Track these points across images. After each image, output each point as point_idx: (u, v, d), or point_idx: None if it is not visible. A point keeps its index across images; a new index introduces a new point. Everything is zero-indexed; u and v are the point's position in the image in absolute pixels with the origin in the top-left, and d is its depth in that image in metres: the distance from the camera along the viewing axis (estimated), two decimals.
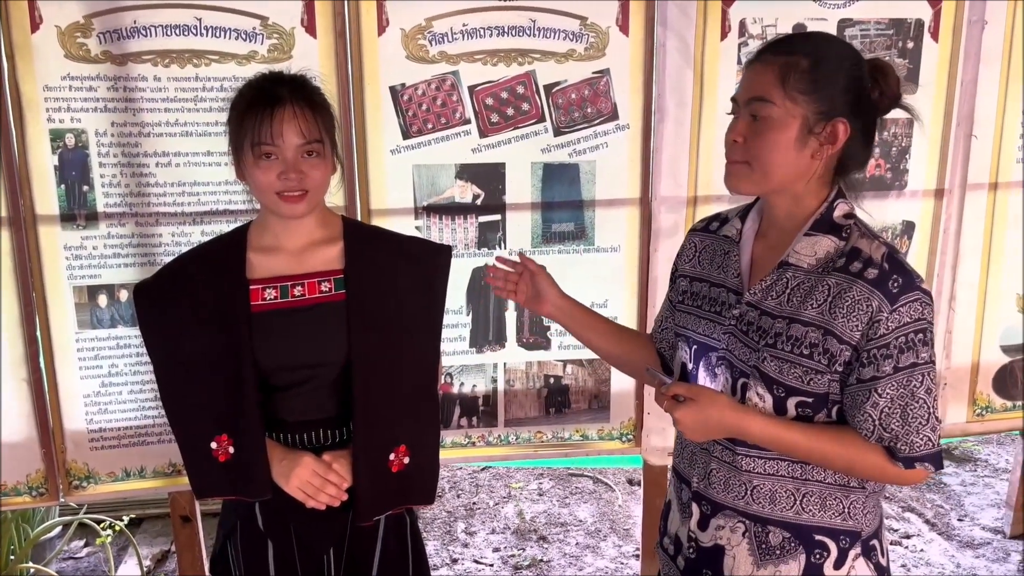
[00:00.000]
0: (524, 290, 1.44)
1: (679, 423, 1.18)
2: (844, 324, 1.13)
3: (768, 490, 1.21)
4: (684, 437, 1.31)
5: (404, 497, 1.44)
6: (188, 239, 1.98)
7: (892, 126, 2.25)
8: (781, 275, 1.20)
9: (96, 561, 2.83)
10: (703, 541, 1.27)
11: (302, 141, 1.30)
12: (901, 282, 1.13)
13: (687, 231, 1.44)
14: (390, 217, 2.07)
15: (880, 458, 1.17)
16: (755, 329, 1.20)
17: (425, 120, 2.04)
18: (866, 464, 1.17)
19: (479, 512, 3.23)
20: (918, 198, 2.32)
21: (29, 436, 2.02)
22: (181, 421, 1.43)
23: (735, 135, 1.18)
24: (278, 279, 1.39)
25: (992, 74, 2.26)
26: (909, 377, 1.13)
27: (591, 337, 1.48)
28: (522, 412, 2.26)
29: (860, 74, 1.17)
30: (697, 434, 1.19)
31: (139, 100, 1.92)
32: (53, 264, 1.96)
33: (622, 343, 1.50)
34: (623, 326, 1.57)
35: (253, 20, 1.92)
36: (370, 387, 1.38)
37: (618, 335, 1.52)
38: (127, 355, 2.03)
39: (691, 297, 1.34)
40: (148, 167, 1.95)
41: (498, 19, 2.02)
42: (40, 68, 1.86)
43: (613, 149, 2.12)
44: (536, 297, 1.44)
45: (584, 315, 1.48)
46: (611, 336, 1.50)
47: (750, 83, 1.17)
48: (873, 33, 2.18)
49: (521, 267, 1.44)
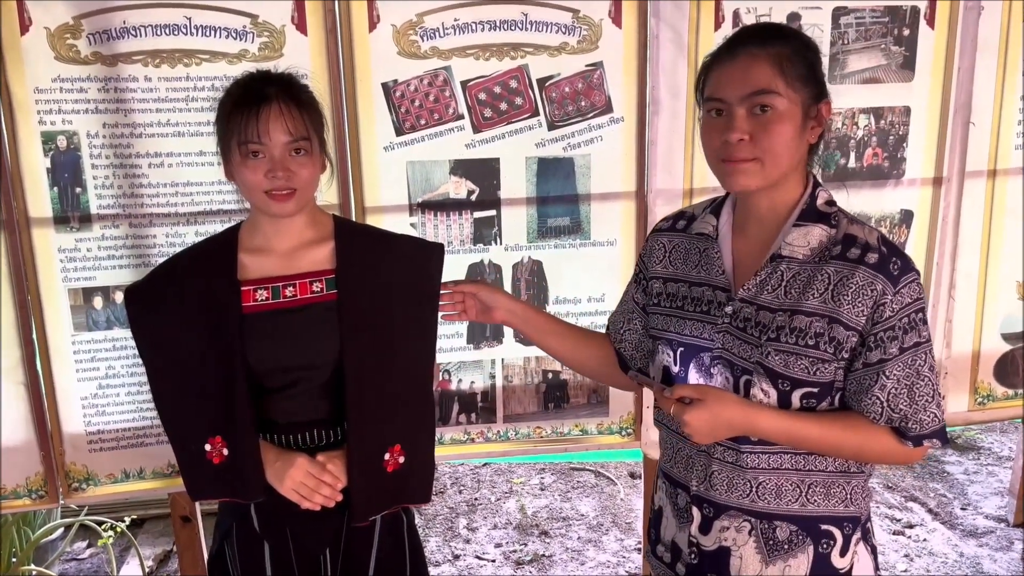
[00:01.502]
0: (471, 306, 1.46)
1: (687, 426, 1.16)
2: (850, 310, 1.13)
3: (774, 485, 1.20)
4: (676, 441, 1.30)
5: (400, 497, 1.44)
6: (182, 240, 1.97)
7: (889, 114, 2.24)
8: (775, 268, 1.19)
9: (99, 562, 2.83)
10: (706, 545, 1.25)
11: (289, 139, 1.29)
12: (900, 264, 1.14)
13: (649, 232, 1.41)
14: (384, 214, 2.06)
15: (889, 439, 1.18)
16: (754, 325, 1.18)
17: (418, 116, 2.03)
18: (876, 447, 1.18)
19: (481, 508, 3.23)
20: (916, 186, 2.30)
21: (28, 439, 2.02)
22: (175, 423, 1.43)
23: (738, 134, 1.13)
24: (269, 280, 1.39)
25: (989, 61, 2.24)
26: (914, 356, 1.14)
27: (550, 342, 1.48)
28: (521, 408, 2.25)
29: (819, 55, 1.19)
30: (707, 436, 1.17)
31: (130, 101, 1.91)
32: (47, 267, 1.95)
33: (583, 347, 1.48)
34: (583, 328, 1.54)
35: (243, 18, 1.91)
36: (363, 387, 1.37)
37: (579, 338, 1.50)
38: (124, 357, 2.03)
39: (668, 299, 1.31)
40: (141, 168, 1.95)
41: (490, 13, 2.00)
42: (30, 70, 1.85)
43: (608, 142, 2.11)
44: (485, 310, 1.46)
45: (541, 319, 1.48)
46: (571, 339, 1.48)
47: (744, 78, 1.13)
48: (868, 21, 2.16)
49: (457, 290, 1.46)
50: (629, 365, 1.44)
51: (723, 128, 1.15)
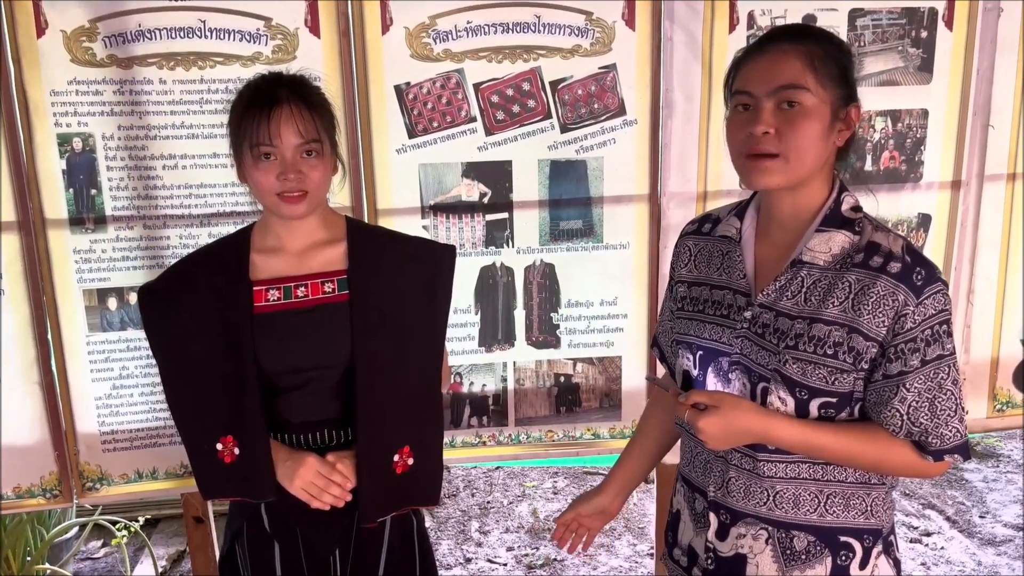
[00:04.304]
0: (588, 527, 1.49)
1: (702, 432, 1.14)
2: (870, 321, 1.11)
3: (791, 494, 1.18)
4: (695, 445, 1.29)
5: (408, 499, 1.43)
6: (195, 241, 1.98)
7: (907, 117, 2.21)
8: (795, 274, 1.16)
9: (112, 562, 2.85)
10: (722, 551, 1.24)
11: (300, 141, 1.29)
12: (924, 274, 1.11)
13: (678, 236, 1.40)
14: (396, 216, 2.06)
15: (909, 453, 1.15)
16: (772, 331, 1.16)
17: (430, 119, 2.03)
18: (895, 460, 1.15)
19: (493, 511, 3.22)
20: (934, 190, 2.27)
21: (42, 439, 2.03)
22: (186, 422, 1.44)
23: (764, 126, 1.11)
24: (281, 280, 1.39)
25: (1008, 62, 2.21)
26: (936, 370, 1.12)
27: (648, 466, 1.49)
28: (532, 411, 2.24)
29: (852, 58, 1.17)
30: (721, 443, 1.15)
31: (145, 103, 1.92)
32: (63, 268, 1.97)
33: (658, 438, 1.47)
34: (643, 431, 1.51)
35: (257, 21, 1.92)
36: (374, 388, 1.37)
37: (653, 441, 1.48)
38: (137, 357, 2.04)
39: (691, 302, 1.30)
40: (155, 170, 1.96)
41: (502, 16, 2.00)
42: (46, 73, 1.86)
43: (621, 145, 2.10)
44: (600, 513, 1.47)
45: (635, 471, 1.49)
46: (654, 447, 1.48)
47: (773, 71, 1.11)
48: (885, 23, 2.14)
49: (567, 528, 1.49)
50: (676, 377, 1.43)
51: (749, 122, 1.13)
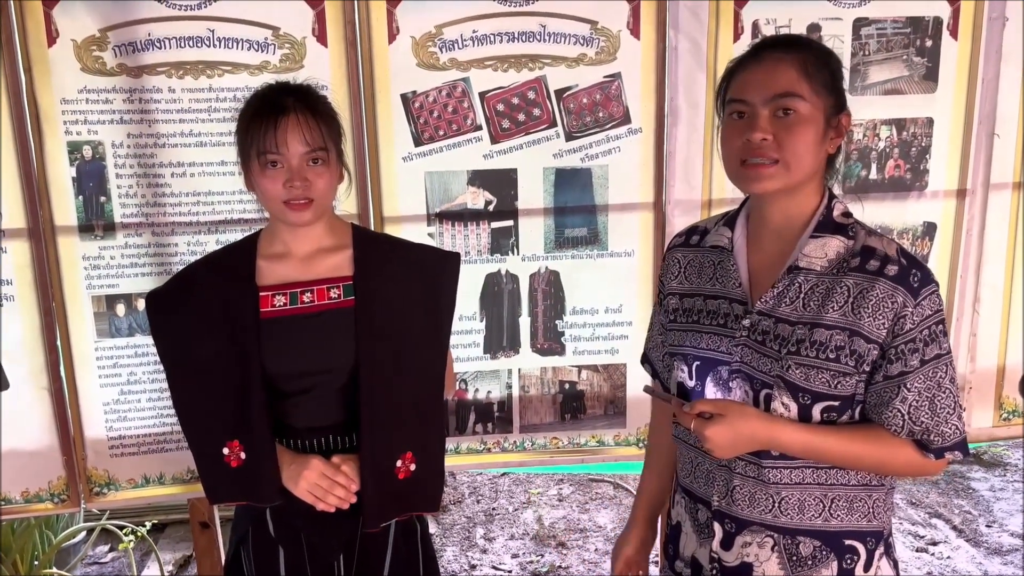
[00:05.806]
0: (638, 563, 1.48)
1: (708, 441, 1.15)
2: (871, 323, 1.12)
3: (796, 500, 1.19)
4: (695, 456, 1.29)
5: (410, 504, 1.44)
6: (203, 248, 2.00)
7: (912, 126, 2.22)
8: (792, 280, 1.18)
9: (120, 566, 2.86)
10: (728, 561, 1.24)
11: (306, 149, 1.31)
12: (920, 276, 1.13)
13: (666, 249, 1.41)
14: (403, 224, 2.07)
15: (911, 452, 1.17)
16: (773, 338, 1.17)
17: (436, 127, 2.05)
18: (897, 459, 1.17)
19: (498, 517, 3.22)
20: (939, 199, 2.27)
21: (50, 444, 2.05)
22: (193, 427, 1.45)
23: (762, 133, 1.13)
24: (287, 286, 1.41)
25: (1014, 71, 2.21)
26: (935, 369, 1.14)
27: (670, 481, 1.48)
28: (537, 418, 2.25)
29: (841, 67, 1.19)
30: (728, 451, 1.16)
31: (154, 111, 1.94)
32: (72, 274, 1.99)
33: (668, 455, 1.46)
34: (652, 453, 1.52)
35: (265, 30, 1.94)
36: (377, 394, 1.38)
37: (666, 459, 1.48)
38: (145, 363, 2.05)
39: (684, 314, 1.31)
40: (164, 177, 1.98)
41: (508, 25, 2.02)
42: (57, 81, 1.89)
43: (625, 153, 2.11)
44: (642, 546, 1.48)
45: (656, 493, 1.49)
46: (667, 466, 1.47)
47: (769, 80, 1.13)
48: (890, 32, 2.15)
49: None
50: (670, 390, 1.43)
51: (745, 129, 1.14)
